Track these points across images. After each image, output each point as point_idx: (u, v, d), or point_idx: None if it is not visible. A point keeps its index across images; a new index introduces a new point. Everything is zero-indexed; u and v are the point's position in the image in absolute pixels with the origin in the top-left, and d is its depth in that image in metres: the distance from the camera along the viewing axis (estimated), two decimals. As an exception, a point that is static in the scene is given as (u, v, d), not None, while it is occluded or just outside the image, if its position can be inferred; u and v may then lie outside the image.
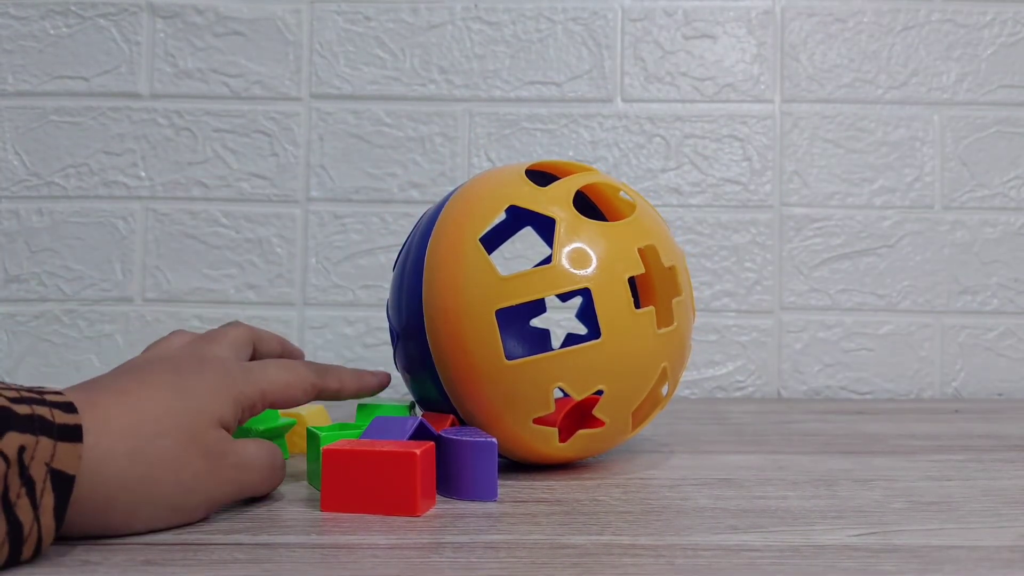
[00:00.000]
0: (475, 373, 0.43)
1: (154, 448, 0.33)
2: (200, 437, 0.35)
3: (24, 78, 0.90)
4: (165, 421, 0.34)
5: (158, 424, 0.34)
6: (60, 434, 0.30)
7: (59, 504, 0.29)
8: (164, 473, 0.33)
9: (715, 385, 0.90)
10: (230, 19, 0.90)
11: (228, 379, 0.38)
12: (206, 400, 0.36)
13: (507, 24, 0.91)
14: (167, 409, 0.34)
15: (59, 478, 0.29)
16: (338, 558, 0.32)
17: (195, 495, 0.35)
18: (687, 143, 0.91)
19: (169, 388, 0.35)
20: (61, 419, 0.30)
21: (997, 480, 0.46)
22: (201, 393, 0.36)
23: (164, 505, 0.34)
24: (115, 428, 0.32)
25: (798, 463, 0.50)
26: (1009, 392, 0.89)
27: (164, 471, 0.33)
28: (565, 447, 0.46)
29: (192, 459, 0.34)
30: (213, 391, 0.36)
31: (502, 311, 0.44)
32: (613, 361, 0.43)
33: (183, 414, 0.35)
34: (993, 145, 0.90)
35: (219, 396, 0.36)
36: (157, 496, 0.33)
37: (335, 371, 0.45)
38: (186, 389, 0.36)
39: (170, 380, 0.36)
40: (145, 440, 0.33)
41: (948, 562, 0.31)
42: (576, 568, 0.30)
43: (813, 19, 0.91)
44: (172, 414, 0.34)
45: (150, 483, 0.33)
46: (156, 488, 0.33)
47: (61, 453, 0.29)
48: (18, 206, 0.89)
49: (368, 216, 0.90)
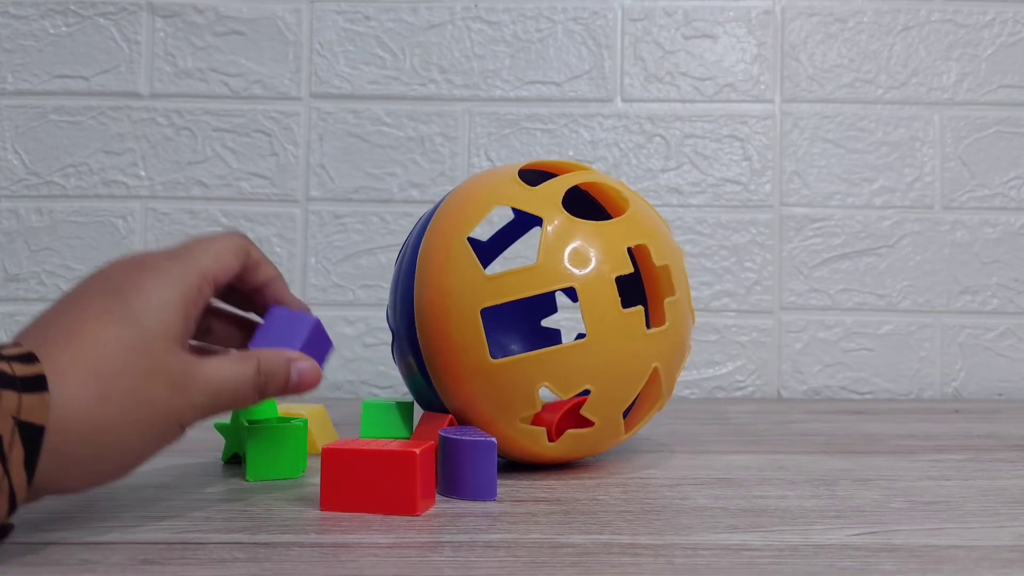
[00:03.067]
0: (462, 372, 0.44)
1: (117, 387, 0.32)
2: (161, 367, 0.33)
3: (24, 77, 0.90)
4: (122, 356, 0.32)
5: (116, 361, 0.32)
6: (24, 386, 0.29)
7: (29, 456, 0.29)
8: (133, 411, 0.32)
9: (715, 385, 0.90)
10: (230, 19, 0.90)
11: (168, 282, 0.35)
12: (154, 322, 0.33)
13: (507, 24, 0.91)
14: (120, 342, 0.32)
15: (28, 430, 0.29)
16: (337, 557, 0.32)
17: (167, 424, 0.34)
18: (687, 143, 0.91)
19: (117, 318, 0.33)
20: (22, 371, 0.29)
21: (996, 480, 0.46)
22: (148, 314, 0.33)
23: (137, 441, 0.33)
24: (78, 371, 0.31)
25: (798, 463, 0.50)
26: (1009, 392, 0.89)
27: (132, 409, 0.32)
28: (554, 446, 0.46)
29: (158, 392, 0.33)
30: (159, 306, 0.34)
31: (508, 311, 0.44)
32: (599, 361, 0.43)
33: (138, 346, 0.33)
34: (993, 145, 0.90)
35: (166, 310, 0.34)
36: (129, 435, 0.32)
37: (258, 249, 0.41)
38: (131, 314, 0.33)
39: (114, 307, 0.33)
40: (108, 380, 0.32)
41: (947, 562, 0.31)
42: (575, 567, 0.30)
43: (813, 19, 0.91)
44: (127, 347, 0.32)
45: (120, 423, 0.32)
46: (127, 428, 0.32)
47: (27, 405, 0.29)
48: (18, 205, 0.89)
49: (368, 216, 0.90)
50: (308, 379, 0.39)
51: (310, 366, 0.39)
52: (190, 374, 0.34)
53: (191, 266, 0.36)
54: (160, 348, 0.33)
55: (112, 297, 0.34)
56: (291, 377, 0.39)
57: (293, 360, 0.39)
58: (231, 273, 0.38)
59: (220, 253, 0.38)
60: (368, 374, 0.89)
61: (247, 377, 0.37)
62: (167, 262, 0.36)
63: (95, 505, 0.39)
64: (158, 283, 0.34)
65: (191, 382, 0.34)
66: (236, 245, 0.39)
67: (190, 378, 0.34)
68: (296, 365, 0.39)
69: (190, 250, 0.37)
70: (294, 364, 0.39)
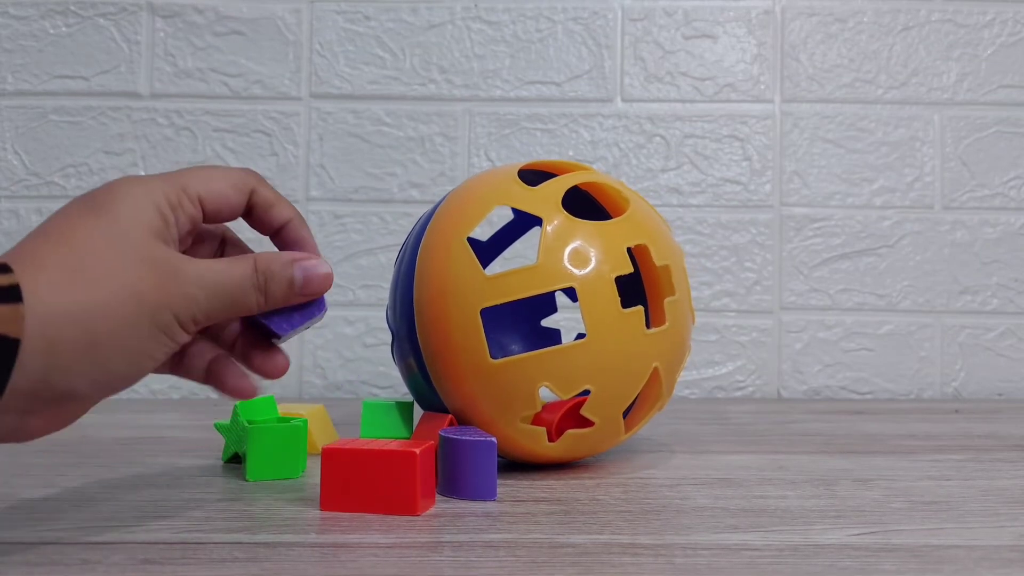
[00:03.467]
0: (462, 372, 0.44)
1: (98, 277, 0.31)
2: (143, 254, 0.32)
3: (24, 78, 0.90)
4: (101, 246, 0.31)
5: (95, 252, 0.31)
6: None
7: (1, 369, 0.28)
8: (120, 303, 0.31)
9: (715, 385, 0.90)
10: (230, 19, 0.90)
11: (144, 189, 0.34)
12: (130, 215, 0.32)
13: (507, 24, 0.91)
14: (96, 232, 0.31)
15: (1, 343, 0.28)
16: (337, 557, 0.32)
17: (161, 316, 0.32)
18: (687, 143, 0.91)
19: (92, 215, 0.32)
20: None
21: (996, 480, 0.46)
22: (124, 211, 0.32)
23: (132, 335, 0.31)
24: (56, 268, 0.30)
25: (798, 463, 0.50)
26: (1009, 392, 0.89)
27: (119, 300, 0.31)
28: (554, 446, 0.46)
29: (144, 278, 0.32)
30: (133, 204, 0.33)
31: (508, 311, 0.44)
32: (599, 361, 0.43)
33: (116, 235, 0.32)
34: (993, 145, 0.90)
35: (141, 207, 0.33)
36: (122, 328, 0.31)
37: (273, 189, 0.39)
38: (107, 211, 0.32)
39: (90, 209, 0.32)
40: (88, 271, 0.30)
41: (947, 561, 0.31)
42: (575, 567, 0.30)
43: (813, 19, 0.91)
44: (105, 237, 0.31)
45: (109, 315, 0.30)
46: (117, 321, 0.31)
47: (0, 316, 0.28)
48: (18, 206, 0.89)
49: (368, 216, 0.90)
50: (315, 278, 0.37)
51: (316, 264, 0.37)
52: (178, 265, 0.33)
53: (173, 179, 0.35)
54: (139, 236, 0.32)
55: (89, 202, 0.33)
56: (295, 277, 0.36)
57: (297, 260, 0.36)
58: (223, 201, 0.36)
59: (212, 177, 0.36)
60: (368, 374, 0.89)
61: (243, 274, 0.35)
62: (151, 176, 0.35)
63: (95, 505, 0.39)
64: (135, 188, 0.33)
65: (181, 273, 0.33)
66: (237, 177, 0.37)
67: (179, 269, 0.33)
68: (300, 264, 0.37)
69: (180, 171, 0.36)
70: (298, 263, 0.36)
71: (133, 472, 0.47)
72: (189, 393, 0.87)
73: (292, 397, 0.88)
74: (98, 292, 0.30)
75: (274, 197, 0.38)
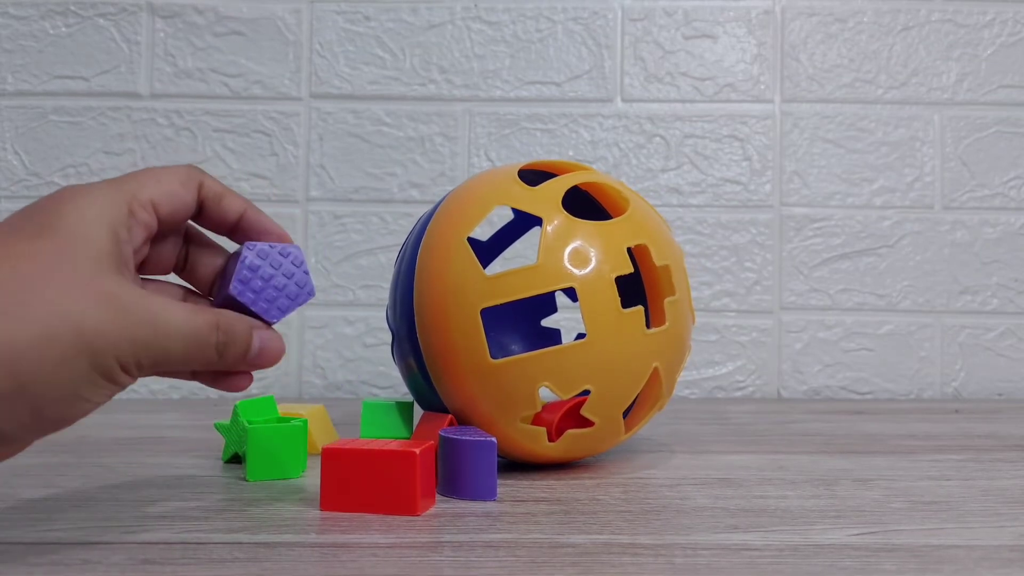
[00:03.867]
0: (462, 372, 0.44)
1: (34, 304, 0.28)
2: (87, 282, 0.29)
3: (24, 78, 0.90)
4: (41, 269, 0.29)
5: (33, 275, 0.28)
6: None
7: None
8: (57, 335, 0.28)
9: (715, 385, 0.90)
10: (230, 19, 0.90)
11: (90, 201, 0.31)
12: (76, 235, 0.30)
13: (507, 24, 0.91)
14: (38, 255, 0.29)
15: None
16: (337, 557, 0.32)
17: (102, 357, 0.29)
18: (687, 143, 0.91)
19: (34, 234, 0.30)
20: None
21: (996, 480, 0.46)
22: (68, 229, 0.30)
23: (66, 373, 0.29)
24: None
25: (798, 463, 0.50)
26: (1009, 392, 0.89)
27: (56, 332, 0.28)
28: (554, 446, 0.46)
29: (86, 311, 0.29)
30: (79, 221, 0.30)
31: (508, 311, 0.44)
32: (599, 361, 0.43)
33: (58, 257, 0.29)
34: (993, 145, 0.90)
35: (89, 225, 0.30)
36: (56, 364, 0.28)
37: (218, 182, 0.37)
38: (50, 229, 0.30)
39: (30, 225, 0.30)
40: (24, 296, 0.28)
41: (947, 561, 0.31)
42: (575, 567, 0.30)
43: (813, 19, 0.91)
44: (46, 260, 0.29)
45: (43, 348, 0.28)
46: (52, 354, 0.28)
47: None
48: (18, 206, 0.89)
49: (368, 216, 0.90)
50: (269, 353, 0.35)
51: (273, 337, 0.36)
52: (129, 303, 0.30)
53: (121, 187, 0.33)
54: (87, 266, 0.29)
55: (34, 221, 0.30)
56: (252, 346, 0.35)
57: (257, 328, 0.35)
58: (177, 201, 0.34)
59: (161, 179, 0.34)
60: (368, 374, 0.89)
61: (206, 328, 0.33)
62: (98, 186, 0.32)
63: (95, 505, 0.39)
64: (83, 201, 0.31)
65: (130, 309, 0.30)
66: (183, 174, 0.35)
67: (127, 304, 0.30)
68: (259, 334, 0.35)
69: (125, 176, 0.34)
70: (257, 332, 0.35)
71: (133, 472, 0.47)
72: (189, 393, 0.87)
73: (292, 397, 0.88)
74: (31, 328, 0.28)
75: (222, 188, 0.37)
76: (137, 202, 0.33)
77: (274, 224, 0.38)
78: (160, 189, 0.34)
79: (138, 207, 0.33)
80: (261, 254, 0.36)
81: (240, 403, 0.49)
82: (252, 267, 0.36)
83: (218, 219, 0.37)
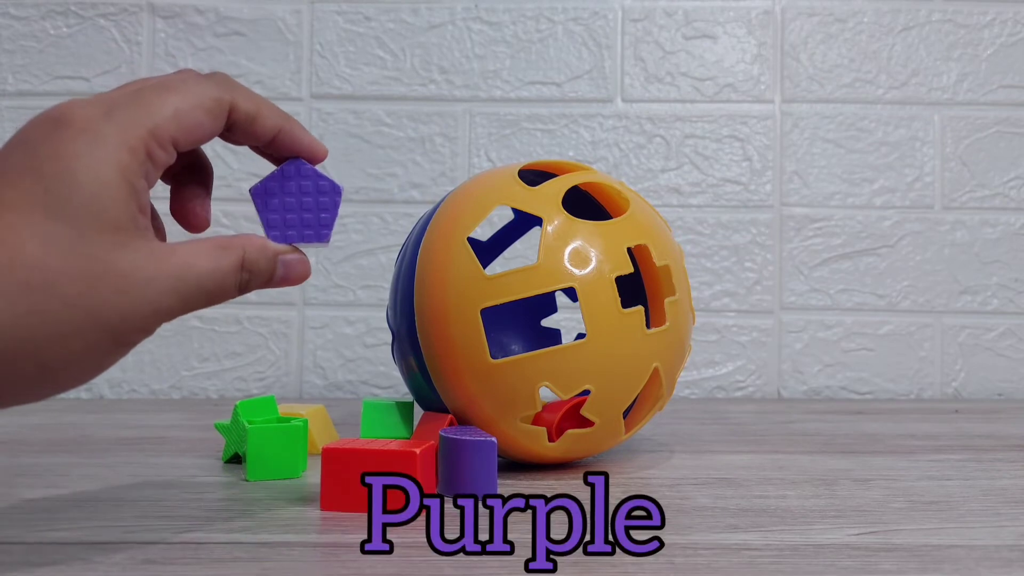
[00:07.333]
0: (462, 371, 0.44)
1: (51, 298, 0.27)
2: (106, 269, 0.28)
3: (24, 78, 0.90)
4: (55, 259, 0.27)
5: (47, 267, 0.27)
6: None
7: None
8: (74, 322, 0.27)
9: (715, 385, 0.90)
10: (230, 19, 0.90)
11: (102, 155, 0.28)
12: (88, 212, 0.27)
13: (507, 24, 0.91)
14: (49, 241, 0.27)
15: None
16: (338, 557, 0.32)
17: (122, 332, 0.28)
18: (687, 143, 0.91)
19: (40, 208, 0.27)
20: None
21: (996, 480, 0.46)
22: (79, 202, 0.27)
23: (83, 351, 0.28)
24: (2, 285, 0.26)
25: (798, 463, 0.50)
26: (1009, 392, 0.89)
27: (73, 320, 0.27)
28: (554, 446, 0.46)
29: (104, 298, 0.28)
30: (92, 189, 0.28)
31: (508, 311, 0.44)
32: (599, 361, 0.43)
33: (73, 244, 0.27)
34: (993, 145, 0.90)
35: (102, 193, 0.28)
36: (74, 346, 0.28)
37: (251, 95, 0.33)
38: (58, 202, 0.27)
39: (36, 193, 0.27)
40: (39, 292, 0.27)
41: (947, 561, 0.31)
42: (576, 567, 0.30)
43: (813, 19, 0.91)
44: (59, 248, 0.27)
45: (61, 337, 0.27)
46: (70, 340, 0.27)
47: None
48: (18, 206, 0.89)
49: (368, 216, 0.90)
50: (295, 274, 0.34)
51: (298, 260, 0.34)
52: (148, 273, 0.28)
53: (134, 126, 0.29)
54: (101, 244, 0.27)
55: (33, 177, 0.28)
56: (276, 272, 0.34)
57: (281, 254, 0.34)
58: (200, 131, 0.31)
59: (180, 109, 0.30)
60: (368, 374, 0.89)
61: (228, 271, 0.31)
62: (102, 121, 0.29)
63: (95, 505, 0.39)
64: (89, 156, 0.28)
65: (151, 283, 0.28)
66: (208, 98, 0.31)
67: (149, 278, 0.28)
68: (283, 259, 0.34)
69: (138, 101, 0.29)
70: (281, 258, 0.34)
71: (133, 472, 0.47)
72: (189, 393, 0.87)
73: (292, 397, 0.88)
74: (50, 327, 0.27)
75: (255, 108, 0.33)
76: (156, 142, 0.29)
77: (310, 139, 0.36)
78: (182, 124, 0.30)
79: (156, 147, 0.29)
80: (297, 174, 0.36)
81: (240, 403, 0.49)
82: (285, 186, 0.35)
83: (252, 138, 0.34)
